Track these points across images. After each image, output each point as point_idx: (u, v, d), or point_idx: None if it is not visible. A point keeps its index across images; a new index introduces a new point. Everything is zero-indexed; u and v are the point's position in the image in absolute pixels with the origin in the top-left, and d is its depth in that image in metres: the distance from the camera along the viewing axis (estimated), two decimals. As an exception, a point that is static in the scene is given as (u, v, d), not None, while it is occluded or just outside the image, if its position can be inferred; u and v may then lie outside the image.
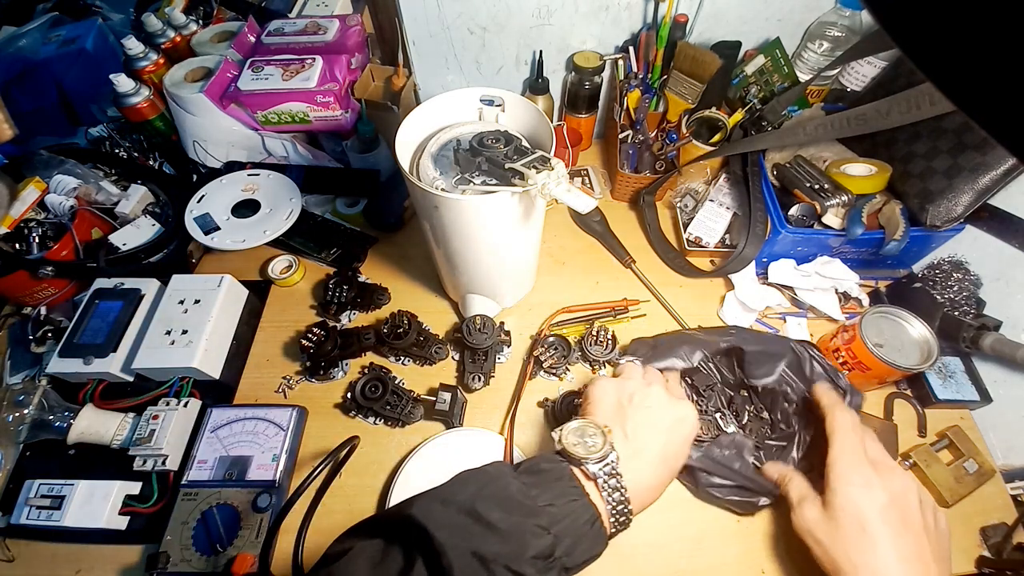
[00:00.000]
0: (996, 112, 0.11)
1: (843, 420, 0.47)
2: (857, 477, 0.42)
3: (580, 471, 0.38)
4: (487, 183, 0.48)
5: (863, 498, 0.41)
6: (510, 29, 0.76)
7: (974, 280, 0.64)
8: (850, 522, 0.41)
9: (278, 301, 0.73)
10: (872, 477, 0.42)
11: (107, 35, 0.98)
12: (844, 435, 0.46)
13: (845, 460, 0.44)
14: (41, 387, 0.59)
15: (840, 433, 0.46)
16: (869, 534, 0.40)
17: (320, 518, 0.55)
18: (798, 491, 0.47)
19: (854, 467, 0.43)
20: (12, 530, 0.54)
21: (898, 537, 0.39)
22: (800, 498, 0.46)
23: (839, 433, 0.46)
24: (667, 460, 0.41)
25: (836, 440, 0.46)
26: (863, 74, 0.76)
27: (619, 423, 0.42)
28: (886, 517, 0.40)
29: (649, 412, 0.42)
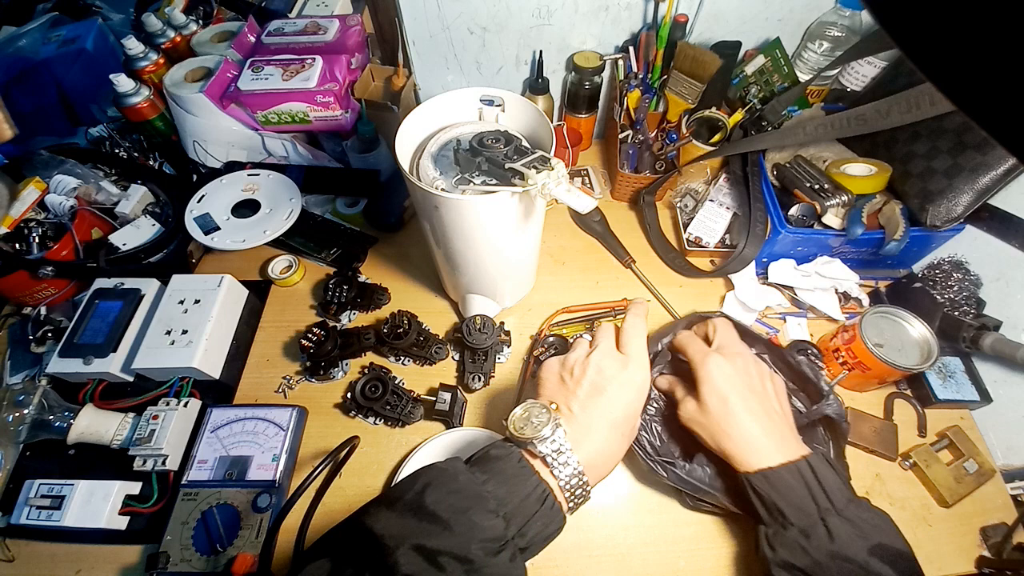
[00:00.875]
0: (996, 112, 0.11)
1: (686, 336, 0.54)
2: (710, 365, 0.48)
3: (528, 452, 0.39)
4: (487, 183, 0.48)
5: (717, 378, 0.47)
6: (510, 29, 0.76)
7: (974, 280, 0.64)
8: (714, 402, 0.47)
9: (278, 301, 0.73)
10: (719, 360, 0.49)
11: (107, 35, 0.98)
12: (692, 344, 0.52)
13: (698, 358, 0.50)
14: (41, 387, 0.59)
15: (690, 346, 0.52)
16: (729, 405, 0.46)
17: (320, 518, 0.55)
18: (680, 392, 0.51)
19: (705, 360, 0.49)
20: (12, 530, 0.54)
21: (747, 400, 0.47)
22: (682, 397, 0.51)
23: (688, 346, 0.53)
24: (616, 426, 0.42)
25: (688, 352, 0.52)
26: (863, 74, 0.76)
27: (563, 399, 0.43)
28: (735, 387, 0.47)
29: (591, 383, 0.43)
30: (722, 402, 0.47)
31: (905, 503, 0.57)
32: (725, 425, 0.46)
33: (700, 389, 0.48)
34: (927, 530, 0.55)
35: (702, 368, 0.49)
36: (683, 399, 0.50)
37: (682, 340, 0.54)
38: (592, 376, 0.43)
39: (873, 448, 0.59)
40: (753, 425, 0.45)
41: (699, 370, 0.49)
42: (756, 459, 0.44)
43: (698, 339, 0.53)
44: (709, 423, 0.47)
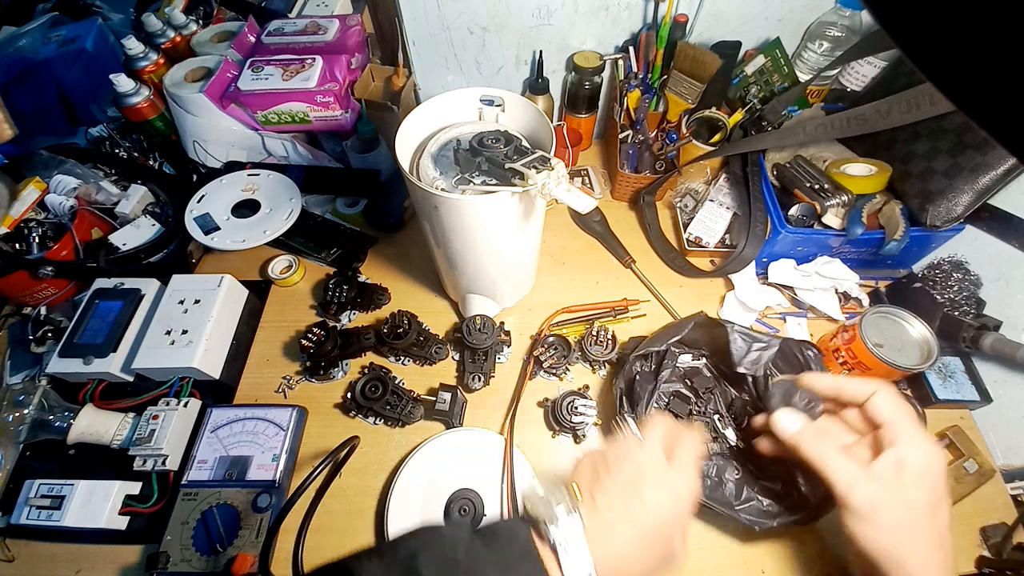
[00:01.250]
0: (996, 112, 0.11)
1: (892, 390, 0.41)
2: (935, 458, 0.38)
3: (538, 534, 0.33)
4: (487, 183, 0.48)
5: (937, 486, 0.37)
6: (510, 29, 0.76)
7: (974, 280, 0.64)
8: (928, 517, 0.37)
9: (278, 301, 0.73)
10: (942, 458, 0.38)
11: (107, 35, 0.98)
12: (903, 407, 0.39)
13: (919, 438, 0.38)
14: (41, 387, 0.59)
15: (901, 405, 0.39)
16: (941, 531, 0.37)
17: (320, 518, 0.55)
18: (850, 464, 0.39)
19: (929, 446, 0.38)
20: (12, 530, 0.54)
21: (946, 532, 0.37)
22: (863, 474, 0.38)
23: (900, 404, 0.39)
24: (645, 536, 0.35)
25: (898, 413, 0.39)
26: (863, 74, 0.76)
27: (590, 486, 0.37)
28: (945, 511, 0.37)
29: (626, 479, 0.36)
30: (926, 515, 0.35)
31: (905, 503, 0.57)
32: (908, 540, 0.34)
33: (907, 481, 0.35)
34: (927, 530, 0.55)
35: (924, 455, 0.36)
36: (859, 475, 0.35)
37: (890, 394, 0.38)
38: (629, 473, 0.37)
39: (873, 448, 0.59)
40: (930, 558, 0.35)
41: (918, 455, 0.36)
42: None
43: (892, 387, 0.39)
44: (889, 525, 0.34)
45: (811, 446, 0.37)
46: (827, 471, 0.36)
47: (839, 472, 0.36)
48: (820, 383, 0.39)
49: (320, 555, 0.53)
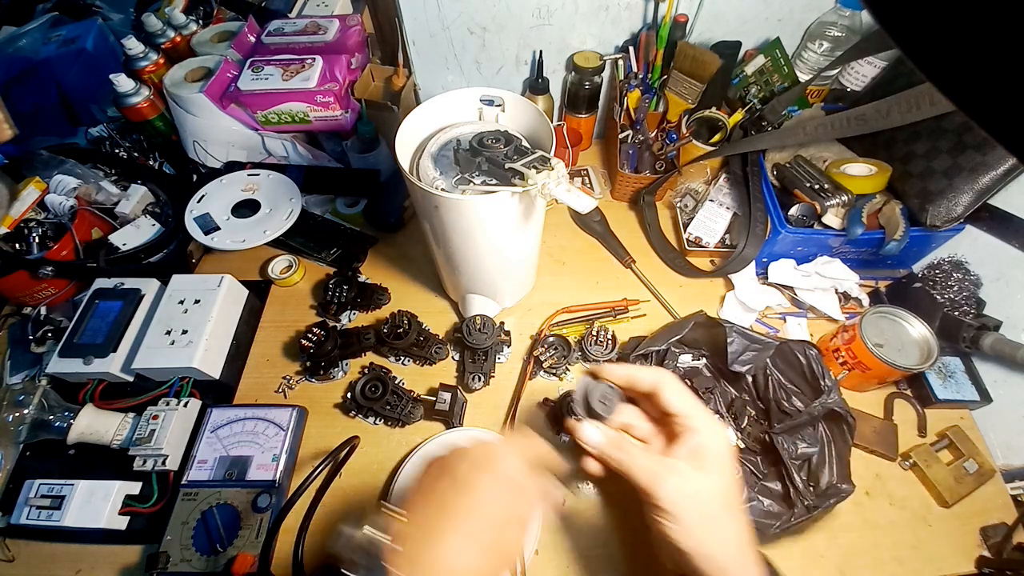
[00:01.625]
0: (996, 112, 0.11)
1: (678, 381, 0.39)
2: (725, 441, 0.38)
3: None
4: (487, 183, 0.48)
5: (733, 468, 0.37)
6: (510, 29, 0.76)
7: (974, 280, 0.64)
8: (733, 497, 0.37)
9: (278, 301, 0.73)
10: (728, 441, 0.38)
11: (107, 35, 0.98)
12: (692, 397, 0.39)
13: (708, 420, 0.38)
14: (41, 387, 0.59)
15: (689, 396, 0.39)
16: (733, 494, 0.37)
17: (320, 518, 0.55)
18: (656, 461, 0.37)
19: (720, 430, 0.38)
20: (12, 530, 0.54)
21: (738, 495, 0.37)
22: (667, 468, 0.36)
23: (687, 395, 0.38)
24: (471, 530, 0.32)
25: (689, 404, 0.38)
26: (863, 74, 0.76)
27: (416, 498, 0.35)
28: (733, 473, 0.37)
29: (447, 485, 0.34)
30: (734, 499, 0.35)
31: (905, 503, 0.57)
32: (726, 528, 0.34)
33: (714, 466, 0.35)
34: (927, 530, 0.55)
35: (720, 438, 0.36)
36: (672, 467, 0.35)
37: (675, 382, 0.38)
38: (455, 478, 0.34)
39: (873, 448, 0.59)
40: (736, 537, 0.35)
41: (716, 439, 0.36)
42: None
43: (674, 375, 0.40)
44: (710, 517, 0.34)
45: (614, 453, 0.37)
46: (631, 474, 0.35)
47: (642, 473, 0.35)
48: (615, 372, 0.39)
49: (320, 555, 0.53)
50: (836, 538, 0.55)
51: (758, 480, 0.55)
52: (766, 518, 0.51)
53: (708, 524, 0.34)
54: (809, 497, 0.51)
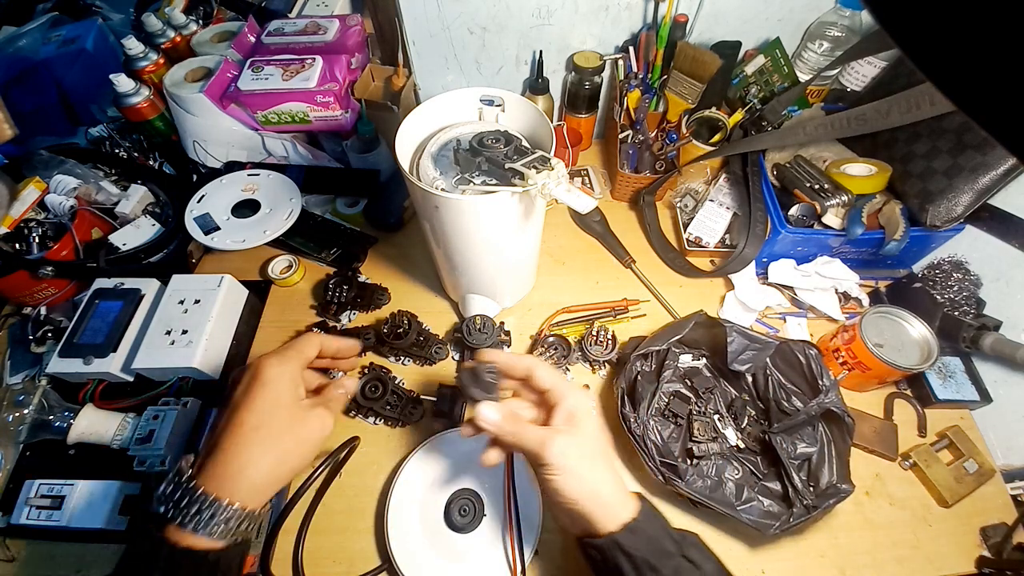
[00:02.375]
0: (996, 112, 0.11)
1: (545, 363, 0.45)
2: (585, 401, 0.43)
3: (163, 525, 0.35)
4: (487, 183, 0.48)
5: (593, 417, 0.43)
6: (510, 29, 0.76)
7: (974, 280, 0.64)
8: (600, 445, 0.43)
9: (278, 301, 0.73)
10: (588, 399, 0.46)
11: (107, 35, 0.98)
12: (558, 374, 0.45)
13: (572, 390, 0.44)
14: (41, 387, 0.59)
15: (555, 373, 0.44)
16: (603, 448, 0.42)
17: (320, 518, 0.55)
18: (538, 431, 0.42)
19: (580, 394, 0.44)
20: (12, 530, 0.54)
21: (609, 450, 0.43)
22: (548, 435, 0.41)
23: (554, 374, 0.44)
24: (230, 441, 0.36)
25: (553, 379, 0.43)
26: (863, 74, 0.76)
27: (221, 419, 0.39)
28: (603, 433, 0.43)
29: (231, 406, 0.39)
30: (603, 445, 0.41)
31: (905, 503, 0.57)
32: (601, 469, 0.40)
33: (584, 424, 0.40)
34: (927, 530, 0.55)
35: (584, 401, 0.42)
36: (555, 431, 0.40)
37: (539, 365, 0.43)
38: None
39: (873, 448, 0.59)
40: (611, 477, 0.40)
41: (581, 402, 0.42)
42: (617, 513, 0.38)
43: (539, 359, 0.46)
44: (588, 463, 0.39)
45: (510, 427, 0.41)
46: (523, 444, 0.40)
47: (531, 439, 0.40)
48: (495, 356, 0.44)
49: (320, 555, 0.53)
50: (836, 538, 0.55)
51: (758, 480, 0.55)
52: (766, 518, 0.51)
53: (588, 470, 0.39)
54: (809, 497, 0.51)
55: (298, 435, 0.39)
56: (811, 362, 0.56)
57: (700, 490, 0.52)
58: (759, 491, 0.54)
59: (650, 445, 0.53)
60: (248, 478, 0.36)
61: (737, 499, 0.53)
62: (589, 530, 0.39)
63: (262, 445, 0.37)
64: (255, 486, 0.36)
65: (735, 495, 0.53)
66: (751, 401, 0.61)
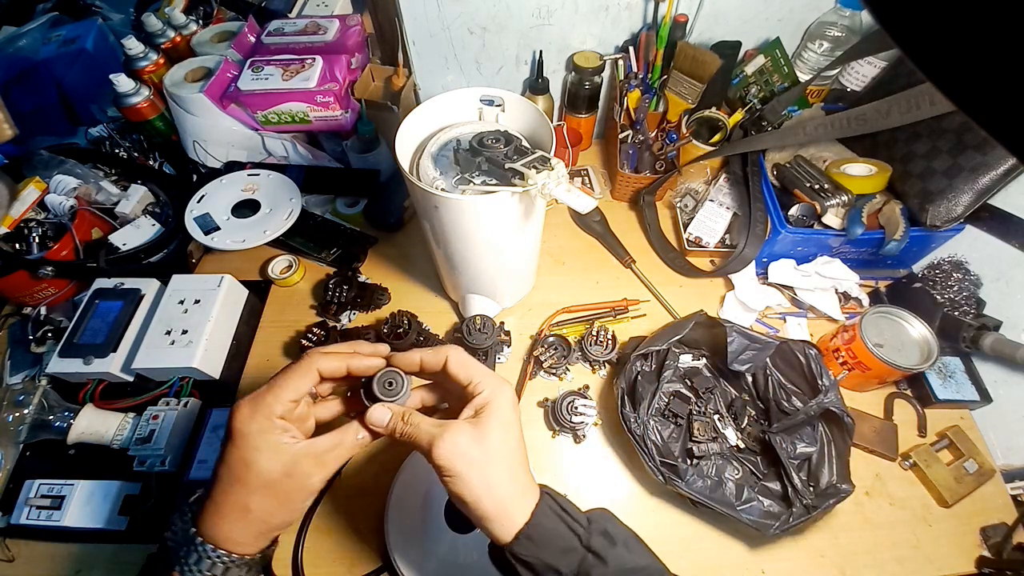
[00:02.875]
0: (996, 112, 0.11)
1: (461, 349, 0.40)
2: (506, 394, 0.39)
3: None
4: (487, 183, 0.48)
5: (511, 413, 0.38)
6: (510, 29, 0.76)
7: (974, 280, 0.64)
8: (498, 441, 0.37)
9: (278, 301, 0.73)
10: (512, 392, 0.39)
11: (107, 35, 0.98)
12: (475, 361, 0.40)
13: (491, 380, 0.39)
14: (41, 387, 0.59)
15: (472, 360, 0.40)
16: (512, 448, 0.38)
17: (320, 518, 0.55)
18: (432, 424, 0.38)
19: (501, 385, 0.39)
20: (12, 530, 0.54)
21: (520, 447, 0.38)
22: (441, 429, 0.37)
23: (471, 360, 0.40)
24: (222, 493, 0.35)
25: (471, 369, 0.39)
26: (863, 74, 0.76)
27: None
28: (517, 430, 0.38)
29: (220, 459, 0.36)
30: (506, 443, 0.36)
31: (905, 503, 0.57)
32: (497, 471, 0.35)
33: (487, 419, 0.36)
34: (927, 530, 0.55)
35: (499, 393, 0.37)
36: (449, 428, 0.36)
37: (458, 354, 0.39)
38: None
39: (873, 448, 0.59)
40: (509, 476, 0.36)
41: (494, 395, 0.37)
42: (513, 520, 0.35)
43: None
44: (482, 465, 0.35)
45: (400, 427, 0.37)
46: (415, 441, 0.36)
47: (423, 437, 0.36)
48: (403, 360, 0.39)
49: (320, 555, 0.53)
50: (836, 538, 0.55)
51: (758, 480, 0.55)
52: (766, 518, 0.51)
53: (479, 472, 0.35)
54: (808, 496, 0.51)
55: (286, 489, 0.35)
56: (811, 362, 0.56)
57: (700, 490, 0.52)
58: (759, 491, 0.54)
59: (650, 445, 0.53)
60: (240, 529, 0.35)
61: (737, 499, 0.53)
62: (492, 538, 0.35)
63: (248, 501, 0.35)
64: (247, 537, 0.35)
65: (735, 495, 0.53)
66: (751, 401, 0.61)
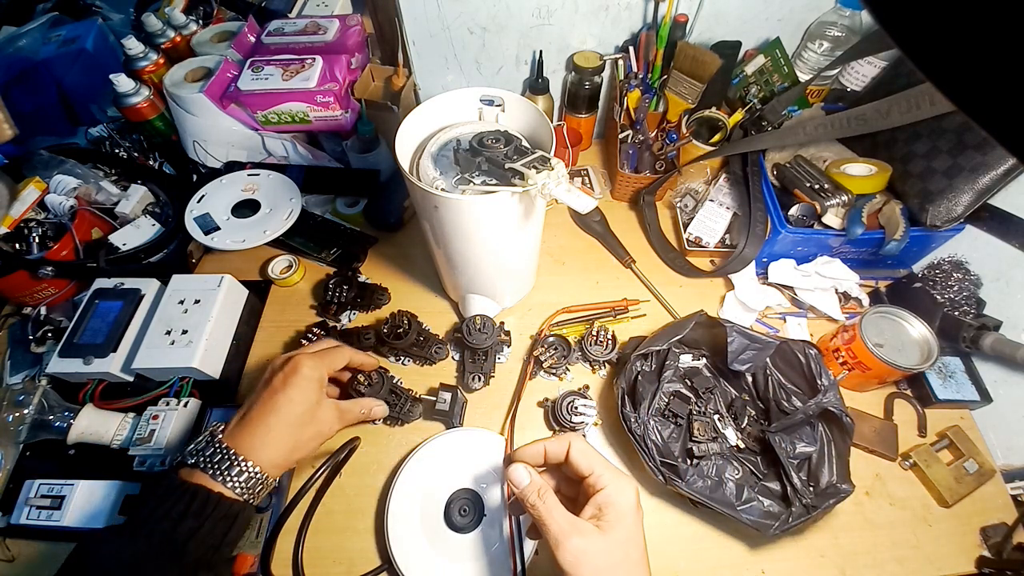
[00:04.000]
0: (996, 112, 0.11)
1: (585, 441, 0.41)
2: (631, 495, 0.38)
3: (185, 470, 0.41)
4: (487, 183, 0.48)
5: (638, 519, 0.38)
6: (510, 29, 0.76)
7: (974, 280, 0.64)
8: (632, 549, 0.37)
9: (278, 301, 0.73)
10: (636, 491, 0.39)
11: (107, 35, 0.98)
12: (598, 454, 0.40)
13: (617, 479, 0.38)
14: (41, 387, 0.59)
15: (594, 453, 0.40)
16: (641, 554, 0.37)
17: (320, 518, 0.55)
18: (563, 518, 0.37)
19: (626, 485, 0.38)
20: (12, 530, 0.54)
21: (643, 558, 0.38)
22: (570, 527, 0.37)
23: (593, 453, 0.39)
24: (262, 418, 0.43)
25: (595, 461, 0.39)
26: (863, 74, 0.76)
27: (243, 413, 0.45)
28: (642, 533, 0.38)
29: (262, 387, 0.46)
30: (629, 556, 0.36)
31: (905, 503, 0.57)
32: (622, 569, 0.35)
33: (614, 527, 0.36)
34: (927, 530, 0.55)
35: (622, 495, 0.37)
36: (579, 529, 0.36)
37: (580, 444, 0.39)
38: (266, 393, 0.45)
39: (873, 448, 0.59)
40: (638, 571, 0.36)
41: (618, 497, 0.37)
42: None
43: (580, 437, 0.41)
44: (610, 565, 0.35)
45: (532, 499, 0.38)
46: (544, 526, 0.37)
47: (551, 531, 0.36)
48: (529, 453, 0.40)
49: (320, 555, 0.53)
50: (836, 538, 0.55)
51: (758, 480, 0.55)
52: (766, 518, 0.51)
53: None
54: (808, 496, 0.51)
55: (314, 429, 0.46)
56: (810, 362, 0.56)
57: (700, 490, 0.52)
58: (759, 491, 0.54)
59: (650, 445, 0.53)
60: (269, 450, 0.42)
61: (737, 499, 0.53)
62: None
63: (287, 428, 0.43)
64: (272, 459, 0.43)
65: (735, 495, 0.53)
66: (751, 401, 0.61)
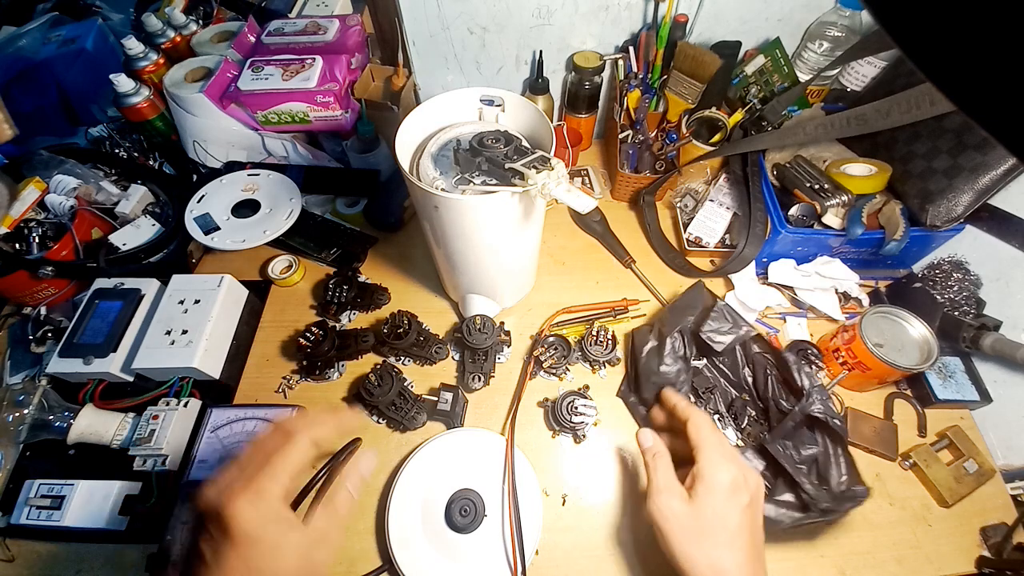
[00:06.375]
0: (996, 112, 0.11)
1: (705, 419, 0.45)
2: (726, 476, 0.41)
3: None
4: (487, 183, 0.48)
5: (732, 501, 0.40)
6: (510, 29, 0.76)
7: (974, 280, 0.64)
8: (717, 523, 0.39)
9: (278, 301, 0.73)
10: (739, 477, 0.41)
11: (107, 35, 0.98)
12: (710, 434, 0.44)
13: (717, 446, 0.42)
14: (41, 387, 0.59)
15: (705, 431, 0.44)
16: (731, 535, 0.39)
17: (320, 518, 0.55)
18: (663, 479, 0.42)
19: (724, 466, 0.41)
20: (12, 530, 0.54)
21: (752, 537, 0.40)
22: (664, 487, 0.42)
23: (704, 431, 0.44)
24: None
25: (703, 438, 0.43)
26: (863, 74, 0.76)
27: None
28: (744, 520, 0.40)
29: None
30: (723, 522, 0.39)
31: (905, 503, 0.57)
32: (712, 547, 0.39)
33: (701, 496, 0.40)
34: (927, 530, 0.55)
35: (716, 472, 0.40)
36: (663, 491, 0.41)
37: (698, 417, 0.45)
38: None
39: (873, 448, 0.59)
40: (711, 561, 0.38)
41: (712, 473, 0.40)
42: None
43: (706, 415, 0.45)
44: (695, 535, 0.39)
45: (648, 459, 0.44)
46: (648, 482, 0.43)
47: (651, 484, 0.42)
48: (669, 397, 0.50)
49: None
50: (836, 538, 0.55)
51: (768, 493, 0.55)
52: (767, 520, 0.51)
53: (683, 544, 0.39)
54: (824, 500, 0.50)
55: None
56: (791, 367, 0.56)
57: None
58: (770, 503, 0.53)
59: None
60: None
61: None
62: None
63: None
64: None
65: None
66: (751, 401, 0.61)
